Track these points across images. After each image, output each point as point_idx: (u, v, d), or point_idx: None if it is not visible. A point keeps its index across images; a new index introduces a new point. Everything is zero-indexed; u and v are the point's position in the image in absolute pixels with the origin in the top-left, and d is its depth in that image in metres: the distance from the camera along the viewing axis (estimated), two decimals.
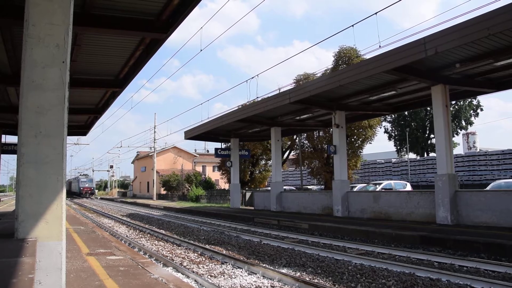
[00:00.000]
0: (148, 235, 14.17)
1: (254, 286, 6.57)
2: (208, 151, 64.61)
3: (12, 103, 13.99)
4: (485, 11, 9.60)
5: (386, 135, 52.81)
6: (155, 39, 8.75)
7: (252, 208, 24.28)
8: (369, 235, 11.49)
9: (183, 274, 7.50)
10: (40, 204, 3.86)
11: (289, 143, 31.57)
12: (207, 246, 10.53)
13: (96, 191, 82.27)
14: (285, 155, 32.87)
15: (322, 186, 28.59)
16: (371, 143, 27.46)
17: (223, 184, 45.74)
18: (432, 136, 46.84)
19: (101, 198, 66.13)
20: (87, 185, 71.16)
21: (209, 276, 7.29)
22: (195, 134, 24.70)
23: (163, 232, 14.41)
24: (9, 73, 10.45)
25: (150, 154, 55.41)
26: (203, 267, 8.10)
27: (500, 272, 7.05)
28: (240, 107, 24.88)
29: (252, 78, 21.60)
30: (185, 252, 10.19)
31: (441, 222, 11.88)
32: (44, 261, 3.76)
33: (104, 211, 29.09)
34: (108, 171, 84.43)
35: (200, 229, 15.29)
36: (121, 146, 78.43)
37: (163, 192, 52.26)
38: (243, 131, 24.57)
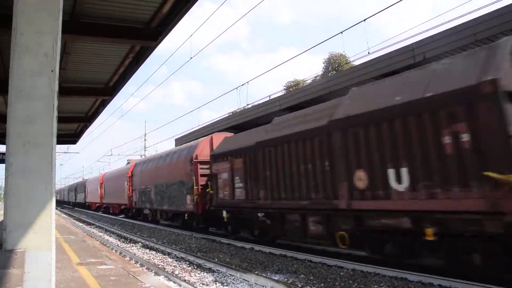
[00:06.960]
0: (139, 243, 14.05)
1: None
2: None
3: (0, 112, 13.81)
4: (468, 19, 9.77)
5: None
6: (145, 47, 8.73)
7: None
8: None
9: (174, 282, 7.45)
10: (28, 214, 3.80)
11: None
12: (198, 254, 10.47)
13: None
14: None
15: None
16: None
17: None
18: None
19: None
20: None
21: (201, 284, 7.25)
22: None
23: (154, 240, 14.30)
24: None
25: None
26: (195, 275, 8.06)
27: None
28: (230, 114, 24.84)
29: (242, 85, 21.65)
30: (176, 260, 10.12)
31: None
32: (33, 272, 3.70)
33: (95, 220, 28.75)
34: None
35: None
36: (111, 154, 77.57)
37: None
38: None
